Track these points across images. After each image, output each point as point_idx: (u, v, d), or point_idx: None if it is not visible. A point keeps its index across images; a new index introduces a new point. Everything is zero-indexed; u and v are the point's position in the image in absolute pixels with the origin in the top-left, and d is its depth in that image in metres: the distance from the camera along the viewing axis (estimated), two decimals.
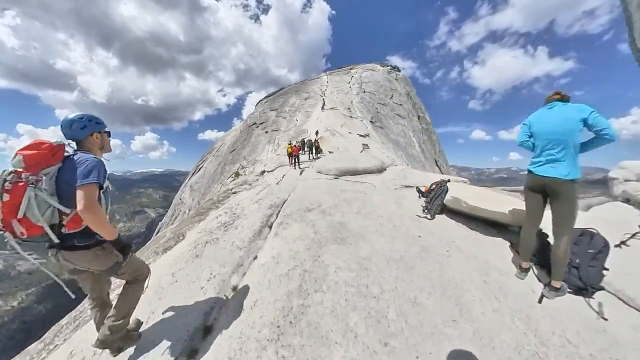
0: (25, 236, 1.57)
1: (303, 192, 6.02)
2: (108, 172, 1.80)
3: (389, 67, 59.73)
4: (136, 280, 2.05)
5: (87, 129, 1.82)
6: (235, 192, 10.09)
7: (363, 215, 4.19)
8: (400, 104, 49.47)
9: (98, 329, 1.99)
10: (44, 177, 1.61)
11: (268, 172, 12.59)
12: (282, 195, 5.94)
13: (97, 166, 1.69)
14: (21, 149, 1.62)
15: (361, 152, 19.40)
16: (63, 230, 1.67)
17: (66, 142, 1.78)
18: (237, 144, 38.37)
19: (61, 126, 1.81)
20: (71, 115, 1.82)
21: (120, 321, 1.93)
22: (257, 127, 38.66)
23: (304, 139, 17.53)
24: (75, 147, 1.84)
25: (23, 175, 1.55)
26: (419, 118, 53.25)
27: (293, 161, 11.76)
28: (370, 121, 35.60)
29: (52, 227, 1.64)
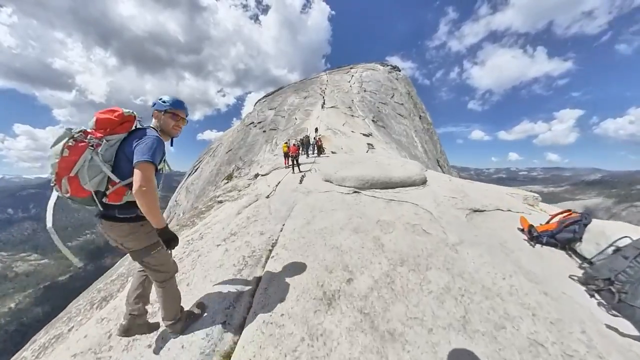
0: (68, 194, 1.56)
1: (306, 222, 3.66)
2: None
3: (389, 67, 58.78)
4: (163, 283, 1.88)
5: (154, 106, 1.86)
6: (221, 201, 8.16)
7: (481, 318, 1.84)
8: (402, 104, 48.11)
9: (129, 301, 1.90)
10: (105, 143, 1.59)
11: (262, 175, 10.64)
12: (271, 226, 3.64)
13: (154, 144, 1.63)
14: (100, 112, 1.64)
15: (367, 152, 17.51)
16: (104, 199, 1.64)
17: (138, 115, 1.76)
18: (234, 144, 36.46)
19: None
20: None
21: (174, 321, 1.91)
22: (255, 126, 36.80)
23: (305, 136, 15.21)
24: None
25: (89, 136, 1.56)
26: (420, 118, 52.06)
27: (290, 163, 9.55)
28: (372, 120, 34.02)
29: (98, 194, 1.62)
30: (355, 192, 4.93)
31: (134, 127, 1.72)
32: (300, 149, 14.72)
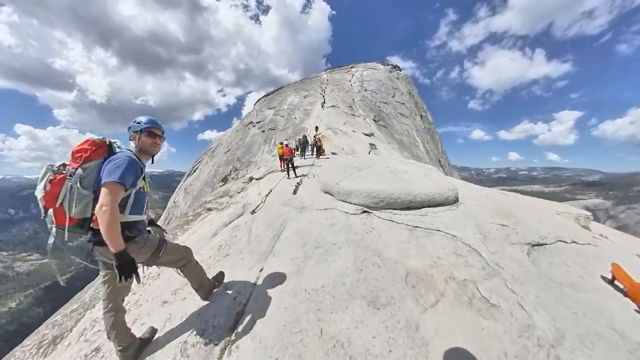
0: (54, 224, 1.62)
1: (295, 269, 2.50)
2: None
3: (390, 66, 58.12)
4: (185, 265, 2.04)
5: (130, 129, 1.87)
6: (209, 209, 7.07)
7: None
8: (403, 103, 47.16)
9: (109, 337, 1.84)
10: (79, 171, 1.64)
11: (256, 179, 9.54)
12: (244, 272, 2.59)
13: (123, 164, 1.65)
14: (76, 145, 1.69)
15: (369, 153, 16.41)
16: (92, 225, 1.68)
17: (113, 140, 1.80)
18: (232, 144, 35.40)
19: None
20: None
21: (204, 290, 2.20)
22: (254, 126, 35.73)
23: (303, 135, 13.96)
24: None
25: (67, 168, 1.65)
26: (421, 117, 51.19)
27: (286, 167, 8.44)
28: (374, 119, 32.99)
29: (86, 220, 1.70)
30: (365, 212, 3.57)
31: (109, 152, 1.75)
32: (297, 149, 13.56)
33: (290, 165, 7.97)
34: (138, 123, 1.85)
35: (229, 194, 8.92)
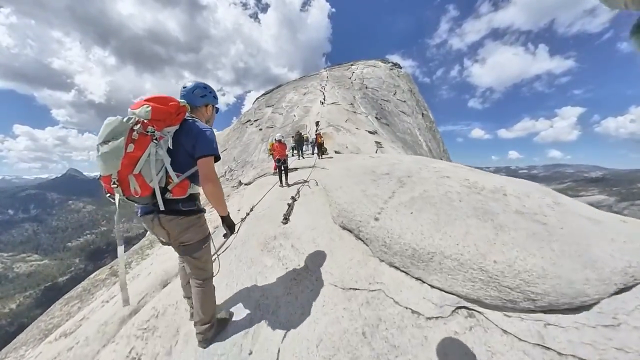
0: (138, 195, 1.37)
1: None
2: None
3: (390, 64, 56.89)
4: (205, 280, 1.77)
5: (206, 98, 1.75)
6: None
7: None
8: (404, 101, 45.69)
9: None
10: (167, 137, 1.46)
11: (244, 184, 7.89)
12: None
13: (213, 136, 1.56)
14: (147, 100, 1.45)
15: (376, 152, 14.77)
16: (167, 195, 1.48)
17: (188, 107, 1.61)
18: (229, 143, 33.72)
19: (183, 88, 1.73)
20: (195, 82, 1.75)
21: (209, 324, 1.78)
22: (251, 124, 34.05)
23: (297, 132, 12.00)
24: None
25: (149, 128, 1.38)
26: (423, 116, 49.79)
27: (277, 170, 6.35)
28: (376, 117, 31.35)
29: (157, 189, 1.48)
30: (466, 312, 1.55)
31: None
32: (295, 148, 11.73)
33: (283, 169, 5.93)
34: (214, 96, 1.77)
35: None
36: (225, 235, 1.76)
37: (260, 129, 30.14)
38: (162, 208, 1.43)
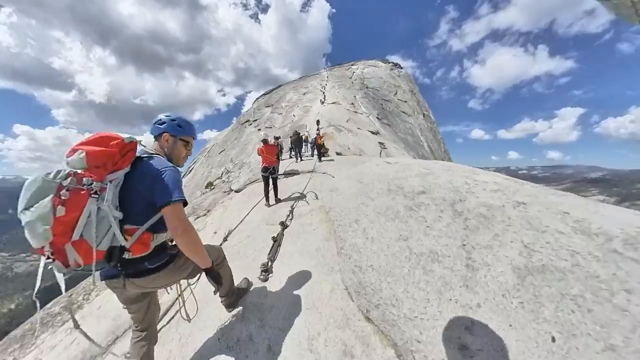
0: (82, 266, 1.10)
1: None
2: None
3: (391, 64, 56.40)
4: (217, 266, 1.60)
5: (164, 126, 1.41)
6: None
7: None
8: (405, 101, 44.97)
9: None
10: (109, 187, 1.15)
11: (235, 192, 6.95)
12: None
13: (178, 176, 1.27)
14: (81, 143, 1.15)
15: (380, 153, 13.83)
16: (126, 255, 1.21)
17: (138, 139, 1.31)
18: (227, 143, 32.79)
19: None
20: (169, 113, 1.47)
21: (231, 297, 1.80)
22: (250, 124, 33.14)
23: (294, 132, 10.76)
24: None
25: (85, 180, 1.09)
26: (424, 116, 49.15)
27: (264, 183, 4.69)
28: (377, 117, 30.48)
29: (114, 251, 1.18)
30: None
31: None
32: (292, 149, 10.66)
33: (269, 181, 4.46)
34: (179, 126, 1.42)
35: (196, 213, 6.33)
36: (214, 292, 1.52)
37: (259, 130, 29.24)
38: (116, 270, 1.21)
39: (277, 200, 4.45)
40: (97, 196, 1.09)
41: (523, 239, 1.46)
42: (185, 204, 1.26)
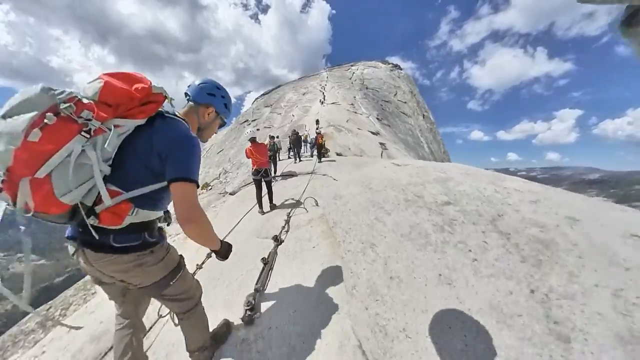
0: (31, 211, 0.82)
1: None
2: None
3: (390, 65, 56.39)
4: (187, 313, 1.24)
5: (213, 98, 1.20)
6: None
7: None
8: (405, 102, 44.78)
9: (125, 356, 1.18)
10: (113, 131, 0.89)
11: (229, 194, 6.48)
12: None
13: (198, 153, 1.01)
14: (108, 74, 0.93)
15: (381, 154, 13.41)
16: (91, 220, 0.91)
17: (168, 95, 1.03)
18: (226, 143, 32.35)
19: (191, 83, 1.23)
20: (210, 79, 1.24)
21: (200, 351, 1.32)
22: (249, 124, 32.75)
23: (293, 131, 10.18)
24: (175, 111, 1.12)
25: (84, 112, 0.84)
26: (423, 117, 49.04)
27: (256, 187, 4.18)
28: (377, 118, 30.17)
29: (81, 209, 0.89)
30: None
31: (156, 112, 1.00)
32: (291, 149, 10.17)
33: (265, 183, 3.93)
34: (226, 106, 1.24)
35: None
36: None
37: (258, 129, 28.84)
38: (79, 232, 0.94)
39: (272, 207, 3.95)
40: (88, 136, 0.85)
41: (608, 281, 1.01)
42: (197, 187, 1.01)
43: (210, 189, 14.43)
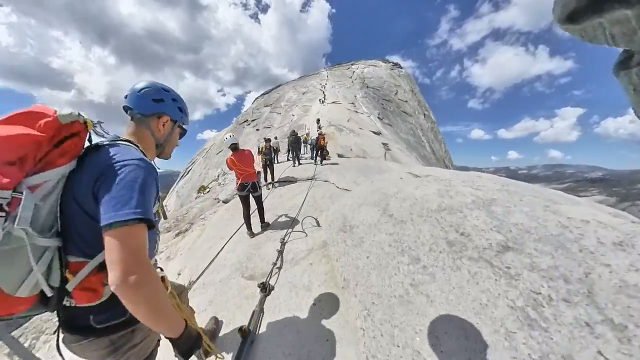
0: None
1: None
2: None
3: (391, 64, 55.88)
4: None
5: (162, 104, 0.95)
6: None
7: None
8: (406, 101, 44.17)
9: None
10: (24, 198, 0.66)
11: (222, 201, 5.85)
12: None
13: (140, 178, 0.74)
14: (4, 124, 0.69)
15: (385, 155, 12.75)
16: (66, 302, 0.78)
17: (88, 120, 0.79)
18: (225, 144, 31.86)
19: (129, 92, 0.95)
20: (149, 81, 0.97)
21: None
22: (248, 124, 32.17)
23: (292, 132, 9.32)
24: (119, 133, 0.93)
25: None
26: (424, 116, 48.48)
27: (244, 207, 3.31)
28: (378, 117, 29.54)
29: (50, 294, 0.74)
30: None
31: (85, 145, 0.80)
32: (290, 151, 9.40)
33: (249, 202, 3.24)
34: (180, 109, 1.00)
35: (180, 228, 5.23)
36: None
37: (257, 130, 28.23)
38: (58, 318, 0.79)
39: (264, 226, 3.26)
40: (3, 214, 0.63)
41: None
42: (149, 225, 0.72)
43: (208, 191, 13.82)
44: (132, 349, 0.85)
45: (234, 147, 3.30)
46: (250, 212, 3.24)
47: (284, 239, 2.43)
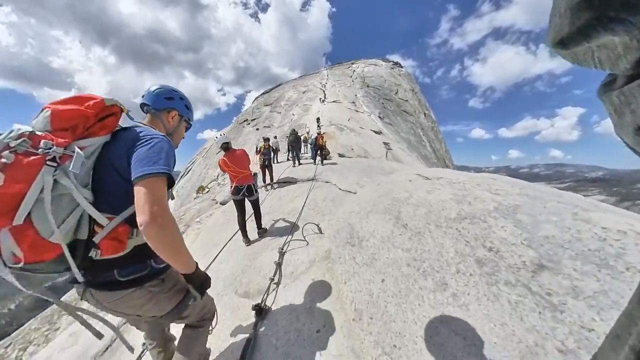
0: (21, 263, 0.71)
1: None
2: None
3: (391, 63, 55.68)
4: (202, 322, 1.20)
5: (172, 102, 1.17)
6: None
7: None
8: (406, 100, 43.96)
9: None
10: (77, 154, 0.79)
11: (220, 203, 5.63)
12: None
13: (166, 147, 0.91)
14: (58, 101, 0.85)
15: (386, 155, 12.51)
16: (93, 253, 0.82)
17: (123, 106, 0.97)
18: None
19: (145, 92, 1.17)
20: (162, 84, 1.21)
21: None
22: (248, 124, 31.94)
23: (292, 131, 9.10)
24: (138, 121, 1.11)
25: (42, 142, 0.75)
26: (425, 115, 48.29)
27: (237, 209, 3.03)
28: (379, 117, 29.32)
29: (73, 245, 0.80)
30: None
31: (118, 126, 0.96)
32: (290, 151, 9.20)
33: (243, 207, 2.99)
34: (187, 107, 1.22)
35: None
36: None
37: (257, 129, 27.99)
38: (80, 279, 0.80)
39: (261, 233, 3.01)
40: (55, 164, 0.74)
41: None
42: (170, 181, 0.86)
43: (207, 192, 13.59)
44: (170, 290, 0.96)
45: (226, 147, 3.03)
46: (247, 217, 2.99)
47: (282, 249, 2.19)
